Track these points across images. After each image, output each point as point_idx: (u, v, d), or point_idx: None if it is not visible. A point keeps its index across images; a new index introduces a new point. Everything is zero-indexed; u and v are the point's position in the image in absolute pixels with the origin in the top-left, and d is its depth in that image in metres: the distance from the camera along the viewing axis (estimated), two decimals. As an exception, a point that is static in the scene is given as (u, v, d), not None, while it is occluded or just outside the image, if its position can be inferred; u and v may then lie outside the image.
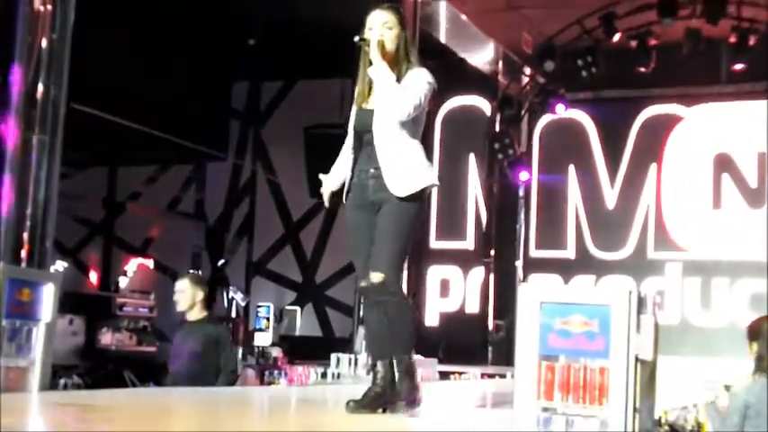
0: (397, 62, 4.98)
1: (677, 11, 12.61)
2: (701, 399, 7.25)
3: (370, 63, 4.97)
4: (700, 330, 14.44)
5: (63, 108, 7.75)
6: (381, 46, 4.92)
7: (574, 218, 15.61)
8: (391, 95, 4.84)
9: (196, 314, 7.98)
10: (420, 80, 4.93)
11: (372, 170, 4.94)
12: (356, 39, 4.97)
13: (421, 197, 4.94)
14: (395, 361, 4.85)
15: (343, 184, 5.11)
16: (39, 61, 7.65)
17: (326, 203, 5.26)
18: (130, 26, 12.50)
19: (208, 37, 13.08)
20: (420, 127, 5.03)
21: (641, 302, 4.07)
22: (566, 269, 15.21)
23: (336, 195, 5.21)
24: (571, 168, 15.61)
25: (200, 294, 7.97)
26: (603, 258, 15.36)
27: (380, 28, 4.97)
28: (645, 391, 3.95)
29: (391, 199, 4.87)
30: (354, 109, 5.11)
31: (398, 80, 4.90)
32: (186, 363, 7.79)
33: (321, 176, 5.27)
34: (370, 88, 5.06)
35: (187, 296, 7.93)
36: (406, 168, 4.90)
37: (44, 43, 7.64)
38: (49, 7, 7.68)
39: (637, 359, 3.91)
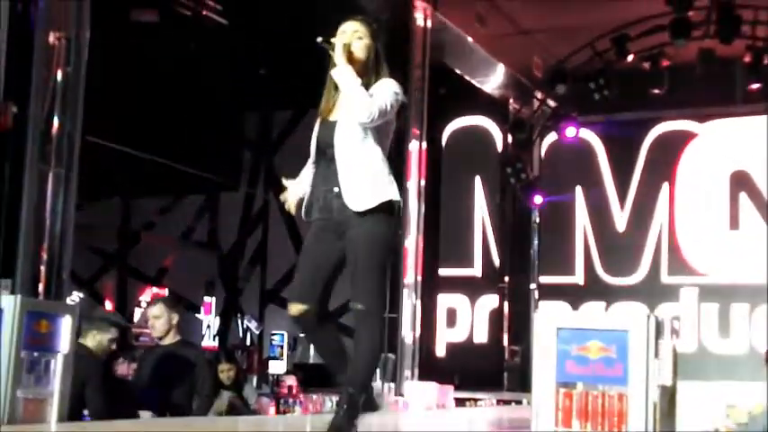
0: (366, 73, 4.73)
1: (690, 31, 12.55)
2: (722, 424, 7.20)
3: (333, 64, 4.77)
4: (718, 358, 13.99)
5: (78, 141, 7.78)
6: (347, 50, 4.69)
7: (582, 242, 15.45)
8: (354, 97, 4.59)
9: (171, 338, 7.55)
10: (387, 88, 4.69)
11: (336, 189, 4.68)
12: (319, 40, 4.72)
13: (386, 212, 4.68)
14: (350, 390, 4.58)
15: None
16: (54, 95, 7.70)
17: (292, 210, 5.01)
18: (142, 58, 12.55)
19: (219, 67, 13.12)
20: (386, 141, 4.78)
21: (659, 327, 4.06)
22: (574, 295, 14.81)
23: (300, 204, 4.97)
24: (579, 190, 15.48)
25: (176, 318, 7.57)
26: (614, 284, 15.12)
27: (351, 36, 4.75)
28: (665, 417, 3.94)
29: (355, 219, 4.62)
30: (318, 122, 4.87)
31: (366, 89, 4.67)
32: (159, 389, 7.39)
33: (285, 182, 5.04)
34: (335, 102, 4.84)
35: (163, 321, 7.48)
36: (366, 182, 4.64)
37: (59, 77, 7.68)
38: (64, 41, 7.73)
39: (656, 385, 3.90)
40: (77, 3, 7.91)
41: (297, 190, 4.98)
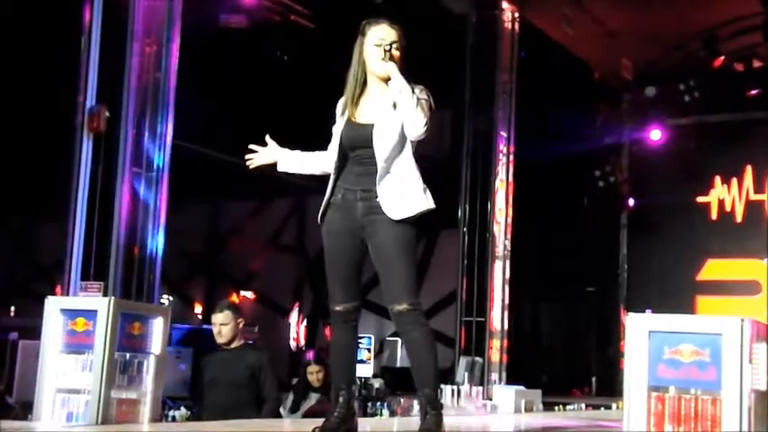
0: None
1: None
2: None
3: (363, 72, 4.73)
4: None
5: (169, 145, 7.91)
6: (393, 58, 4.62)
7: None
8: (412, 113, 4.53)
9: (235, 342, 7.53)
10: (425, 104, 4.61)
11: (361, 192, 4.64)
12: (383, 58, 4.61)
13: (415, 221, 4.62)
14: (426, 391, 4.54)
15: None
16: (145, 99, 7.84)
17: (251, 166, 5.06)
18: (231, 62, 12.69)
19: (307, 71, 13.20)
20: (414, 145, 4.70)
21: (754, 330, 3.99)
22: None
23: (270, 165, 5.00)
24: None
25: (242, 323, 7.55)
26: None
27: (389, 46, 4.64)
28: (759, 423, 3.87)
29: (385, 222, 4.57)
30: (343, 121, 4.78)
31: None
32: (225, 393, 7.36)
33: (255, 147, 5.03)
34: (358, 98, 4.78)
35: (230, 328, 7.44)
36: (404, 190, 4.59)
37: (151, 82, 7.82)
38: (155, 47, 7.87)
39: (750, 389, 3.83)
40: (169, 11, 8.05)
41: (278, 154, 5.02)
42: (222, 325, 7.41)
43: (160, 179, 7.93)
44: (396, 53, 4.65)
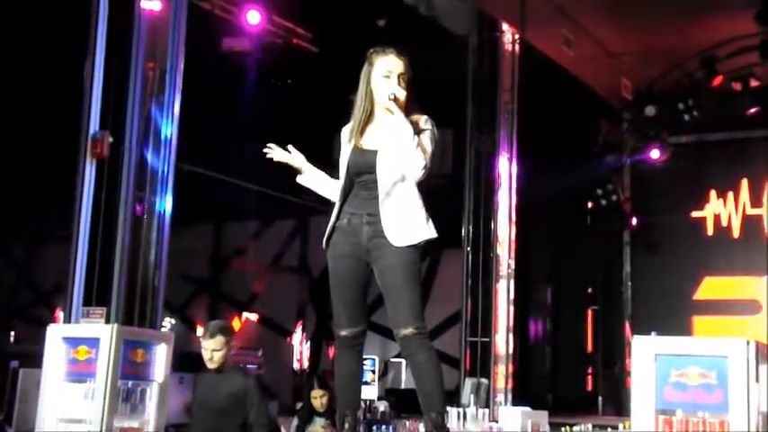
0: (406, 107, 4.68)
1: (781, 51, 12.39)
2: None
3: (371, 102, 4.77)
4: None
5: (173, 169, 7.90)
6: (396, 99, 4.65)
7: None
8: (412, 155, 4.58)
9: (226, 365, 7.04)
10: (429, 134, 4.70)
11: (367, 216, 4.70)
12: (390, 97, 4.64)
13: (419, 247, 4.68)
14: (433, 415, 4.55)
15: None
16: (148, 123, 7.84)
17: (272, 155, 5.05)
18: (232, 88, 12.72)
19: (309, 94, 13.22)
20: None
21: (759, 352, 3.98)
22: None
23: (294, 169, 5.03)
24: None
25: (232, 344, 7.12)
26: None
27: (397, 78, 4.72)
28: (768, 445, 3.86)
29: (388, 249, 4.63)
30: (350, 148, 4.83)
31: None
32: (210, 418, 6.94)
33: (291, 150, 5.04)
34: (365, 126, 4.82)
35: (222, 354, 6.91)
36: (407, 218, 4.65)
37: (154, 106, 7.82)
38: (159, 71, 7.88)
39: (757, 411, 3.82)
40: (173, 34, 8.06)
41: (293, 158, 5.04)
42: (214, 351, 6.85)
43: (163, 203, 7.92)
44: (401, 94, 4.68)
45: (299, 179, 5.12)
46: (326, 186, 5.07)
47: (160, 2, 8.21)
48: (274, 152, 5.07)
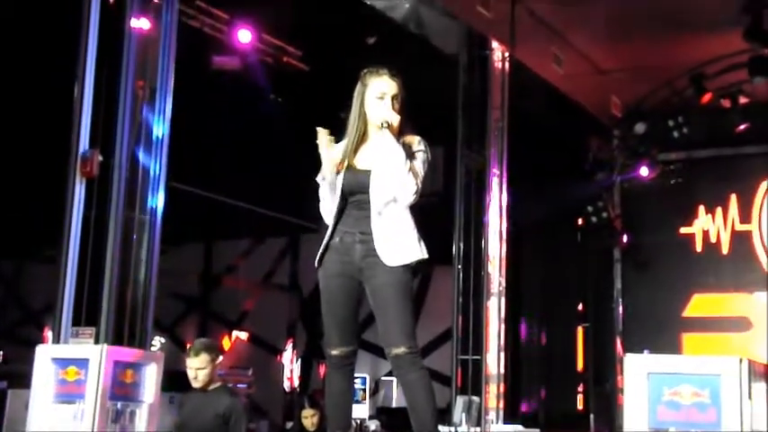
0: (398, 130, 4.68)
1: (768, 69, 12.42)
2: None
3: (364, 123, 4.76)
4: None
5: (163, 188, 7.88)
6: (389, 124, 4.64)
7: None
8: (404, 180, 4.59)
9: (212, 385, 6.84)
10: (422, 157, 4.72)
11: (359, 234, 4.69)
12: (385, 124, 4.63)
13: (411, 267, 4.68)
14: None
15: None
16: (138, 142, 7.83)
17: (323, 144, 4.81)
18: (224, 106, 12.72)
19: (299, 113, 13.22)
20: None
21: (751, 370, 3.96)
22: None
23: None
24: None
25: (218, 363, 6.91)
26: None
27: (390, 100, 4.72)
28: (761, 464, 3.84)
29: (381, 268, 4.62)
30: (343, 167, 4.78)
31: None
32: None
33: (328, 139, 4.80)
34: (358, 145, 4.81)
35: (207, 372, 6.71)
36: (399, 238, 4.65)
37: (144, 124, 7.81)
38: (148, 90, 7.87)
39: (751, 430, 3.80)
40: (163, 53, 8.06)
41: (334, 155, 4.81)
42: (199, 369, 6.65)
43: (153, 222, 7.89)
44: (395, 120, 4.66)
45: (322, 180, 4.89)
46: (333, 201, 4.87)
47: (150, 21, 8.21)
48: (322, 138, 4.85)
